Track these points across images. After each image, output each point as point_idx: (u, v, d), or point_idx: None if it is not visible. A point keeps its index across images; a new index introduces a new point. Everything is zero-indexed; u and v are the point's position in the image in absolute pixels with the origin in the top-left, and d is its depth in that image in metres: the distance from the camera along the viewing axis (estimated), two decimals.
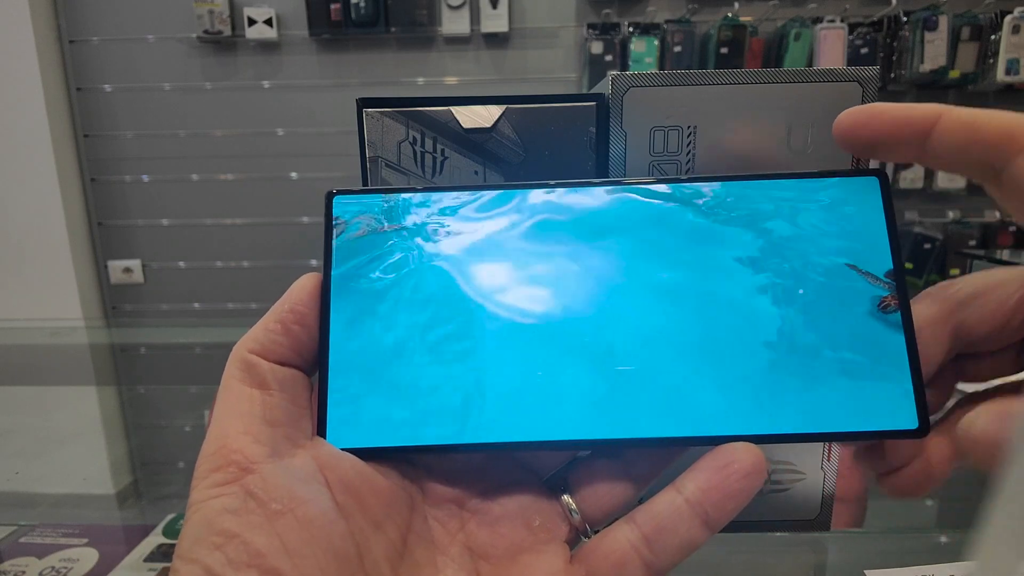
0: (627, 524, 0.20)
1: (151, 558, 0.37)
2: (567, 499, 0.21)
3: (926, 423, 0.20)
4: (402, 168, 0.26)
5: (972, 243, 1.67)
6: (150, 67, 1.68)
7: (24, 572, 0.35)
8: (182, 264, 1.80)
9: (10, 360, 0.82)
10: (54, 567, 0.35)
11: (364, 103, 0.25)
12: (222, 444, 0.18)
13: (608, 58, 1.58)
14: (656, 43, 1.57)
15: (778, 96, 0.24)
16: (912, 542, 0.36)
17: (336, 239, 0.22)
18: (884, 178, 0.22)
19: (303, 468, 0.19)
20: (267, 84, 1.69)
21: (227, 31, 1.62)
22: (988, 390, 0.20)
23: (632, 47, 1.57)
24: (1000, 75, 1.52)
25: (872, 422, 0.20)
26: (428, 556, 0.20)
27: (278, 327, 0.20)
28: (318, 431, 0.20)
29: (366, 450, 0.20)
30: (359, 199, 0.23)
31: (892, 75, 1.59)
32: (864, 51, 1.57)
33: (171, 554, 0.17)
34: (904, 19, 1.56)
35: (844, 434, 0.20)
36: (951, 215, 1.70)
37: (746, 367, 0.20)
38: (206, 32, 1.61)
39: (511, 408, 0.20)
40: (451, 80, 1.69)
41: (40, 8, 1.60)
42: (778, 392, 0.20)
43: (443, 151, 0.26)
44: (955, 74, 1.55)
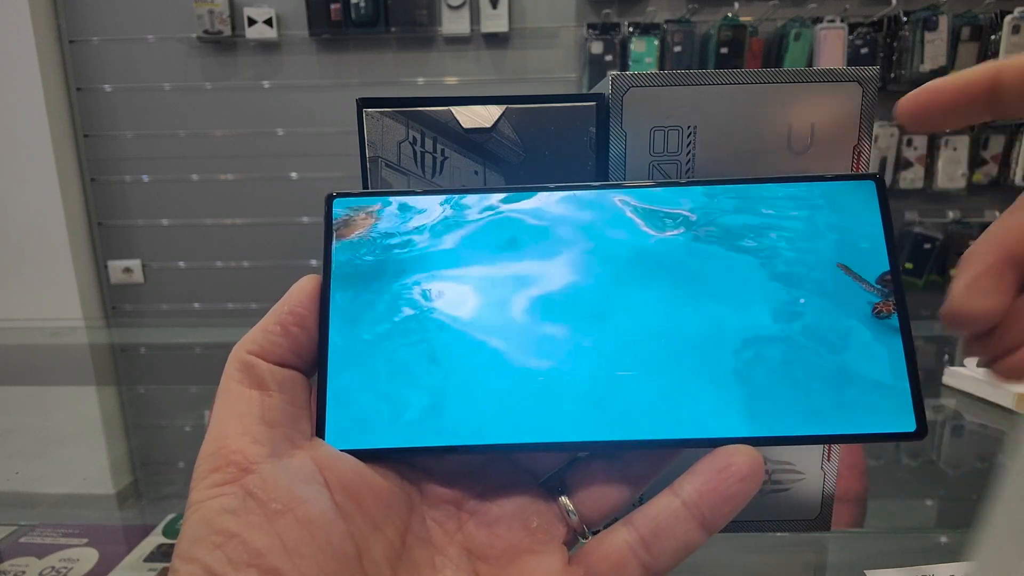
0: (625, 526, 0.20)
1: (151, 558, 0.37)
2: (565, 500, 0.21)
3: (923, 425, 0.20)
4: (402, 168, 0.26)
5: (972, 243, 1.67)
6: (150, 67, 1.68)
7: (24, 572, 0.35)
8: (182, 264, 1.80)
9: (10, 360, 0.82)
10: (54, 567, 0.35)
11: (364, 103, 0.25)
12: (221, 444, 0.18)
13: (608, 58, 1.58)
14: (656, 43, 1.56)
15: (778, 96, 0.24)
16: (912, 542, 0.36)
17: (336, 241, 0.22)
18: (880, 181, 0.22)
19: (302, 468, 0.19)
20: (267, 84, 1.69)
21: (227, 31, 1.62)
22: None
23: (632, 47, 1.57)
24: None
25: (870, 425, 0.20)
26: (427, 556, 0.20)
27: (277, 328, 0.20)
28: (317, 432, 0.20)
29: (365, 451, 0.20)
30: (360, 201, 0.23)
31: (892, 75, 1.59)
32: (864, 51, 1.56)
33: (171, 554, 0.17)
34: (904, 19, 1.56)
35: (841, 436, 0.20)
36: (951, 215, 1.70)
37: (743, 369, 0.20)
38: (206, 32, 1.61)
39: (509, 410, 0.20)
40: (451, 80, 1.68)
41: (40, 8, 1.60)
42: (775, 394, 0.20)
43: (443, 151, 0.26)
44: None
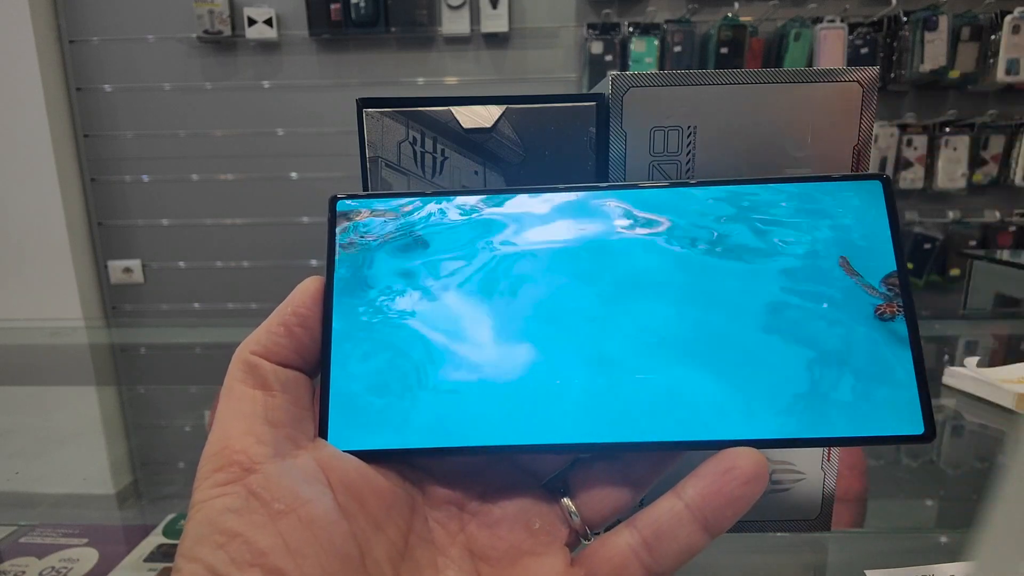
0: (628, 528, 0.20)
1: (151, 558, 0.36)
2: (567, 502, 0.21)
3: (932, 427, 0.19)
4: (402, 168, 0.26)
5: (972, 243, 1.67)
6: (150, 67, 1.68)
7: (24, 572, 0.35)
8: (182, 264, 1.80)
9: (10, 360, 0.82)
10: (54, 567, 0.35)
11: (364, 103, 0.25)
12: (225, 444, 0.18)
13: (608, 58, 1.58)
14: (656, 43, 1.57)
15: (778, 96, 0.24)
16: (912, 542, 0.36)
17: (339, 242, 0.22)
18: (887, 181, 0.22)
19: (305, 469, 0.19)
20: (267, 84, 1.69)
21: (227, 31, 1.62)
22: None
23: (632, 47, 1.57)
24: (1000, 75, 1.52)
25: (877, 427, 0.19)
26: (429, 557, 0.20)
27: (281, 329, 0.21)
28: (320, 432, 0.20)
29: (367, 452, 0.20)
30: (363, 203, 0.23)
31: (892, 75, 1.59)
32: (864, 51, 1.57)
33: (171, 554, 0.17)
34: (904, 19, 1.56)
35: (848, 439, 0.20)
36: (951, 215, 1.70)
37: (748, 371, 0.20)
38: (206, 32, 1.61)
39: (511, 411, 0.20)
40: (451, 80, 1.68)
41: (40, 8, 1.60)
42: (780, 396, 0.20)
43: (443, 151, 0.26)
44: (955, 74, 1.55)
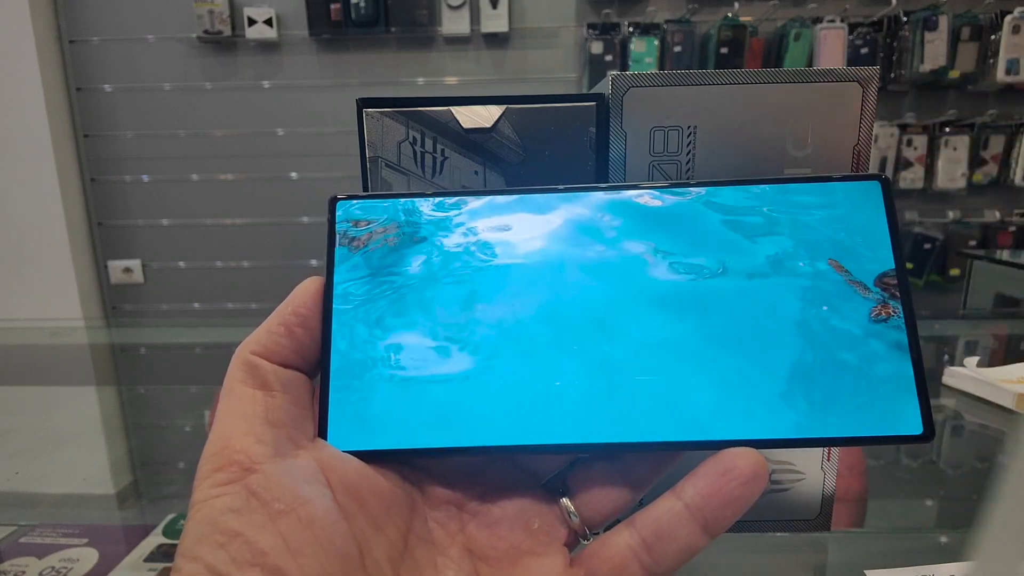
0: (627, 529, 0.20)
1: (151, 558, 0.36)
2: (566, 502, 0.21)
3: (931, 427, 0.19)
4: (402, 168, 0.26)
5: (972, 243, 1.67)
6: (150, 67, 1.68)
7: (24, 572, 0.35)
8: (182, 264, 1.80)
9: (10, 360, 0.82)
10: (54, 567, 0.35)
11: (364, 103, 0.25)
12: (225, 444, 0.18)
13: (608, 58, 1.58)
14: (656, 43, 1.57)
15: (778, 96, 0.24)
16: (912, 542, 0.36)
17: (339, 243, 0.22)
18: (886, 182, 0.22)
19: (305, 468, 0.19)
20: (267, 84, 1.69)
21: (227, 31, 1.62)
22: None
23: (632, 47, 1.57)
24: (1000, 75, 1.52)
25: (876, 427, 0.19)
26: (428, 557, 0.20)
27: (281, 329, 0.21)
28: (320, 433, 0.20)
29: (367, 452, 0.20)
30: (363, 203, 0.23)
31: (892, 75, 1.59)
32: (864, 51, 1.57)
33: (171, 554, 0.17)
34: (904, 19, 1.56)
35: (847, 439, 0.20)
36: (951, 215, 1.70)
37: (747, 371, 0.20)
38: (206, 32, 1.61)
39: (510, 412, 0.20)
40: (451, 80, 1.68)
41: (40, 8, 1.60)
42: (779, 396, 0.20)
43: (443, 151, 0.26)
44: (955, 74, 1.55)
